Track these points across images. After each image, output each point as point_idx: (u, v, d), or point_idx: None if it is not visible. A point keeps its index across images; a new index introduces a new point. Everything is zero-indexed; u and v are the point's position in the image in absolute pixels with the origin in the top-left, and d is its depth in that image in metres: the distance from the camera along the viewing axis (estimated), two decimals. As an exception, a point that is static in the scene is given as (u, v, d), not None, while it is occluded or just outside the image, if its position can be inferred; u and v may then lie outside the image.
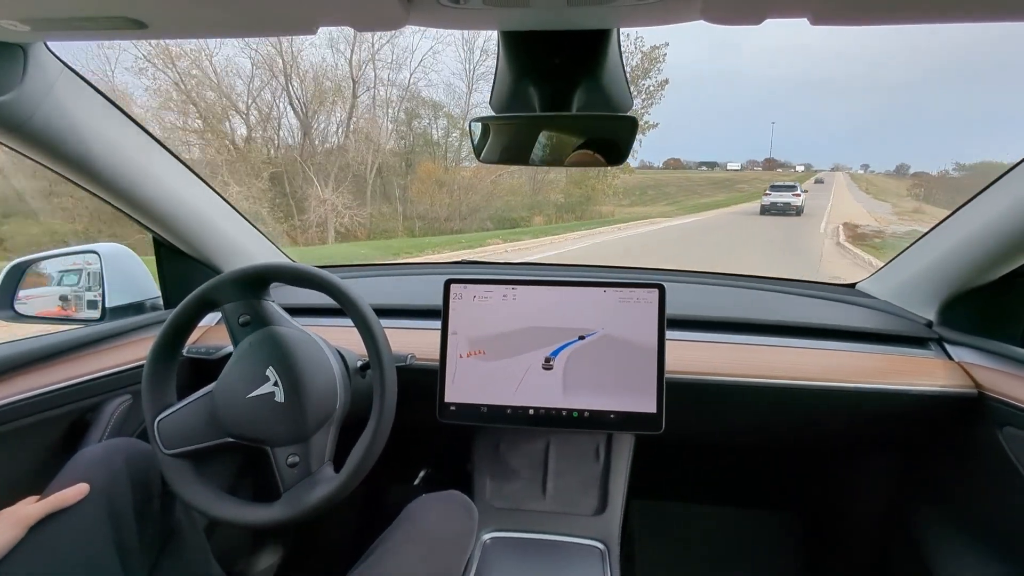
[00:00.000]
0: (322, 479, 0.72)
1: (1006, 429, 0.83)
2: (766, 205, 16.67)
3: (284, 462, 0.72)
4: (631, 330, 0.88)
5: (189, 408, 0.75)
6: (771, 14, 0.46)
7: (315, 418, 0.74)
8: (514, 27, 0.59)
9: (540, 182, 16.44)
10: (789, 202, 16.28)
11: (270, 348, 0.76)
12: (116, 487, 0.69)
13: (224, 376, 0.75)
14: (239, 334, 0.77)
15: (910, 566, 1.03)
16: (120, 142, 0.84)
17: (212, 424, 0.74)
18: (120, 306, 1.03)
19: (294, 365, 0.75)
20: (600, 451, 1.05)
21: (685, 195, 30.29)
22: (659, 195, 28.52)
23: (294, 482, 0.72)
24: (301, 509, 0.69)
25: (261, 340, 0.76)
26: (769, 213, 16.24)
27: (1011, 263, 0.85)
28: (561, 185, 16.70)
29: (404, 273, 1.40)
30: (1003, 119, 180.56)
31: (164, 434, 0.73)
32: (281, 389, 0.73)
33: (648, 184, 31.18)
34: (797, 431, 1.08)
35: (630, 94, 0.69)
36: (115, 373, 0.91)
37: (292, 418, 0.73)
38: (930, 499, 1.03)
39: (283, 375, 0.74)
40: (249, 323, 0.77)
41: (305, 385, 0.74)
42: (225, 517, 0.71)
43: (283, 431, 0.73)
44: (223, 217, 1.10)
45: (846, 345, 0.98)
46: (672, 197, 28.56)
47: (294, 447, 0.73)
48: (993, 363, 0.89)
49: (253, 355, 0.75)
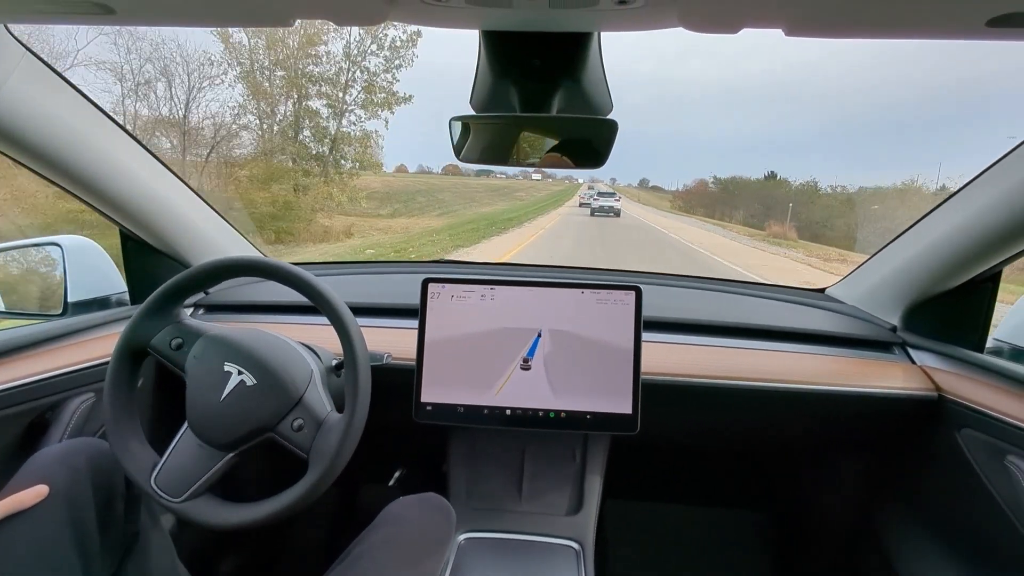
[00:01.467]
0: (334, 426, 0.71)
1: (964, 430, 0.86)
2: (595, 208, 22.01)
3: (292, 431, 0.71)
4: (608, 331, 0.88)
5: (176, 452, 0.72)
6: (747, 24, 0.47)
7: (295, 380, 0.73)
8: (496, 27, 0.59)
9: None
10: (612, 206, 22.08)
11: (215, 348, 0.74)
12: (77, 489, 0.66)
13: (191, 401, 0.73)
14: (180, 358, 0.75)
15: (876, 564, 1.07)
16: (85, 131, 0.81)
17: (206, 452, 0.71)
18: (83, 301, 1.00)
19: (248, 348, 0.74)
20: (576, 452, 1.05)
21: (464, 203, 25.56)
22: (431, 203, 23.28)
23: (310, 441, 0.71)
24: (328, 462, 0.68)
25: (204, 347, 0.74)
26: (596, 215, 21.37)
27: (971, 271, 0.88)
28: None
29: (381, 272, 1.38)
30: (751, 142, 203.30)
31: (166, 488, 0.70)
32: (247, 373, 0.72)
33: (419, 188, 26.13)
34: (767, 431, 1.10)
35: (610, 97, 0.70)
36: (77, 371, 0.88)
37: (273, 390, 0.72)
38: (895, 498, 1.07)
39: (242, 361, 0.73)
40: (183, 343, 0.75)
41: (268, 359, 0.73)
42: (270, 513, 0.69)
43: (272, 405, 0.71)
44: (193, 210, 1.07)
45: (814, 348, 1.01)
46: (447, 206, 23.38)
47: (291, 415, 0.72)
48: (952, 367, 0.92)
49: (205, 364, 0.73)
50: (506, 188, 40.83)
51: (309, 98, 13.43)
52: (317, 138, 13.51)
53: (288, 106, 13.38)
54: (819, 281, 1.09)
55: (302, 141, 13.45)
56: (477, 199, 28.61)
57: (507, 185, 45.10)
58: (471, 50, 0.65)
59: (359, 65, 13.38)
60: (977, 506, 0.84)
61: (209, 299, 1.14)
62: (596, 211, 21.58)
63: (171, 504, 0.69)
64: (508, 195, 34.61)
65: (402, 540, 0.76)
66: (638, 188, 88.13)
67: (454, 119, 0.69)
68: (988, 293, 0.90)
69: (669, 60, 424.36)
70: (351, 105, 13.75)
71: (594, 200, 22.81)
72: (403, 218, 18.18)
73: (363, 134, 13.94)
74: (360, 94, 13.74)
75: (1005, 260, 0.84)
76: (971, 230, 0.83)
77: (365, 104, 13.78)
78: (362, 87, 13.67)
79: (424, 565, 0.76)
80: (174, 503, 0.69)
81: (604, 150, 0.68)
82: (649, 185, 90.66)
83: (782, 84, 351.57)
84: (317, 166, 13.41)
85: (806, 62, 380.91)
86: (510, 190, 39.37)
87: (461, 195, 28.65)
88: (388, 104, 13.70)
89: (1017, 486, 0.75)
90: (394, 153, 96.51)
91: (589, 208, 22.75)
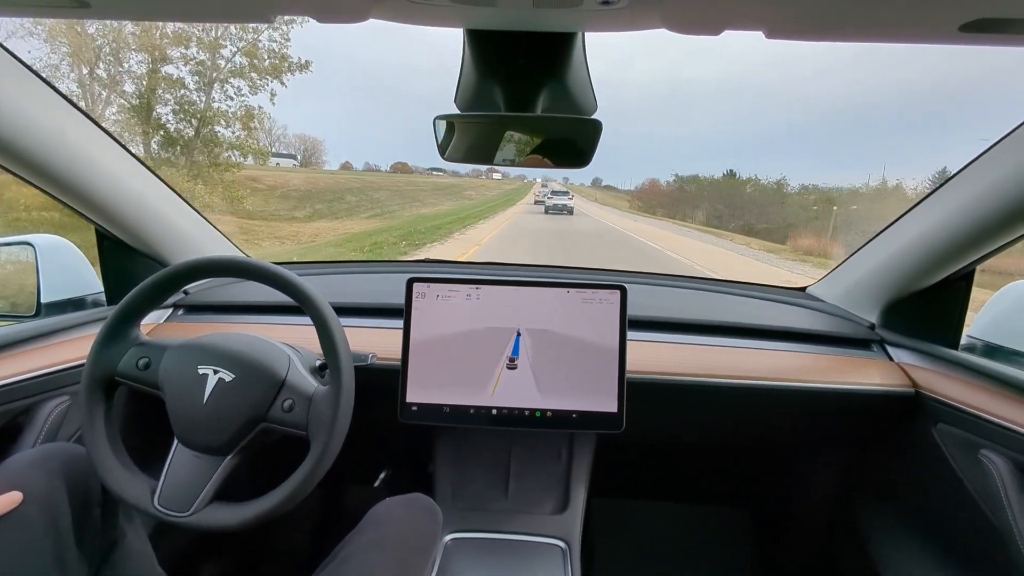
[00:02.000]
0: (325, 395, 0.71)
1: (939, 425, 0.89)
2: (549, 206, 22.88)
3: (283, 413, 0.70)
4: (593, 330, 0.89)
5: (173, 469, 0.71)
6: (729, 26, 0.48)
7: (274, 365, 0.73)
8: (480, 26, 0.58)
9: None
10: (566, 204, 23.04)
11: (185, 355, 0.73)
12: (53, 495, 0.64)
13: (174, 415, 0.71)
14: (151, 377, 0.73)
15: (856, 557, 1.09)
16: (57, 126, 0.79)
17: (204, 461, 0.70)
18: (57, 302, 0.97)
19: (218, 347, 0.73)
20: (562, 451, 1.05)
21: (402, 203, 22.97)
22: (362, 203, 20.46)
23: (304, 416, 0.70)
24: (328, 430, 0.68)
25: (173, 358, 0.73)
26: (550, 212, 22.16)
27: (946, 269, 0.90)
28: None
29: (365, 271, 1.37)
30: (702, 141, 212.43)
31: (171, 506, 0.68)
32: (224, 370, 0.71)
33: (351, 187, 22.77)
34: (750, 428, 1.12)
35: (595, 97, 0.70)
36: (51, 373, 0.85)
37: (253, 379, 0.71)
38: (874, 493, 1.09)
39: (215, 360, 0.72)
40: (149, 361, 0.73)
41: (241, 352, 0.73)
42: (284, 497, 0.68)
43: (256, 393, 0.71)
44: (170, 208, 1.05)
45: (795, 346, 1.03)
46: (381, 206, 20.74)
47: (279, 397, 0.71)
48: (928, 364, 0.95)
49: (178, 373, 0.72)
50: (455, 186, 38.23)
51: (166, 61, 10.22)
52: (179, 117, 10.24)
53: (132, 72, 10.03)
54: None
55: (159, 120, 10.24)
56: (420, 198, 26.28)
57: (455, 183, 42.25)
58: (421, 49, 0.62)
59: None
60: (952, 499, 0.87)
61: (189, 299, 1.11)
62: (550, 209, 22.65)
63: (180, 520, 0.68)
64: (456, 194, 32.27)
65: (388, 541, 0.76)
66: (592, 187, 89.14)
67: (438, 118, 0.68)
68: (962, 291, 0.92)
69: (619, 62, 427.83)
70: (225, 73, 10.51)
71: (548, 199, 23.83)
72: (324, 221, 15.73)
73: (244, 113, 10.63)
74: (237, 57, 10.44)
75: (979, 259, 0.86)
76: (945, 230, 0.85)
77: (242, 72, 10.42)
78: (238, 48, 10.38)
79: (411, 566, 0.75)
80: (183, 518, 0.68)
81: (588, 150, 0.68)
82: (602, 184, 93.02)
83: (720, 84, 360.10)
84: (182, 155, 10.27)
85: (749, 66, 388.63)
86: (459, 188, 37.10)
87: (402, 194, 26.04)
88: (277, 72, 10.57)
89: (990, 479, 0.78)
90: (339, 150, 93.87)
91: (543, 206, 23.64)
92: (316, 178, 16.10)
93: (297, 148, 46.24)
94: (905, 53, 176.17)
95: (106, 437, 0.71)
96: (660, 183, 43.78)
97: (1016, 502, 0.74)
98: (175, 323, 1.07)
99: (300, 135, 48.32)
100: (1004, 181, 0.74)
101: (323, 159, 47.72)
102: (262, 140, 11.35)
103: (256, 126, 11.13)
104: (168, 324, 1.06)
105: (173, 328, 1.05)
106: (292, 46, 10.77)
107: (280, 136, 43.61)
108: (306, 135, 52.18)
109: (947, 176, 0.87)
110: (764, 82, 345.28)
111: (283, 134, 44.41)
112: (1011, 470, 0.76)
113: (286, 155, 40.11)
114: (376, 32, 33.80)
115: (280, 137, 43.66)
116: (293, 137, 46.69)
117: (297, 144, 46.72)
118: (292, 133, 45.84)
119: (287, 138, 44.13)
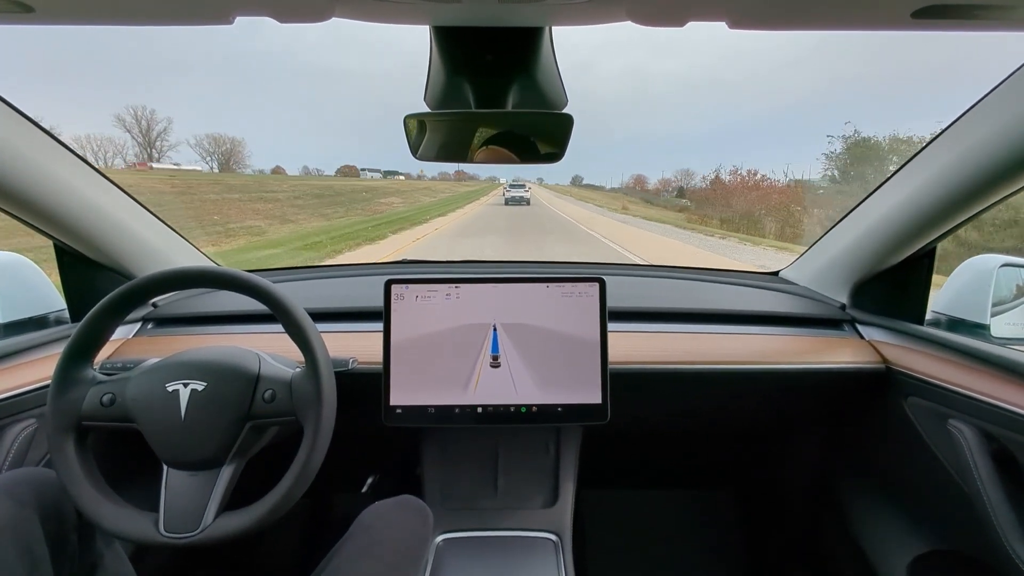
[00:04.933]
0: (304, 376, 0.70)
1: (910, 399, 0.92)
2: (508, 198, 25.25)
3: (266, 404, 0.69)
4: (575, 324, 0.89)
5: (170, 496, 0.68)
6: (692, 17, 0.48)
7: (245, 363, 0.72)
8: (446, 23, 0.58)
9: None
10: (523, 196, 25.41)
11: (149, 378, 0.70)
12: (25, 523, 0.61)
13: (155, 440, 0.68)
14: (119, 411, 0.69)
15: (838, 531, 1.13)
16: (9, 139, 0.75)
17: (199, 478, 0.68)
18: (17, 321, 0.93)
19: (181, 361, 0.71)
20: (549, 445, 1.06)
21: (270, 221, 14.86)
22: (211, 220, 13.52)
23: (288, 402, 0.70)
24: (317, 408, 0.68)
25: (137, 385, 0.70)
26: (509, 204, 24.49)
27: (910, 247, 0.94)
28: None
29: (341, 275, 1.35)
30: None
31: (177, 530, 0.65)
32: (194, 381, 0.69)
33: (212, 196, 16.01)
34: (731, 411, 1.14)
35: (564, 92, 0.70)
36: (14, 396, 0.82)
37: (227, 381, 0.70)
38: (852, 468, 1.13)
39: (181, 374, 0.70)
40: (113, 396, 0.69)
41: (207, 360, 0.71)
42: (291, 486, 0.66)
43: (234, 394, 0.69)
44: (133, 219, 1.01)
45: (770, 329, 1.05)
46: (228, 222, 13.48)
47: (257, 391, 0.70)
48: (897, 340, 0.98)
49: (147, 397, 0.69)
50: (381, 189, 31.71)
51: None
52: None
53: None
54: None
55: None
56: (308, 208, 18.52)
57: (381, 186, 35.90)
58: (367, 54, 0.61)
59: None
60: (925, 468, 0.90)
61: (159, 312, 1.08)
62: (510, 200, 25.01)
63: (193, 540, 0.65)
64: (369, 201, 23.90)
65: (379, 547, 0.75)
66: (571, 186, 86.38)
67: (408, 116, 0.67)
68: (925, 268, 0.96)
69: (586, 62, 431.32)
70: None
71: (506, 191, 26.66)
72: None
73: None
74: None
75: (939, 236, 0.89)
76: (906, 210, 0.89)
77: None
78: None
79: (403, 570, 0.74)
80: (194, 537, 0.66)
81: (561, 144, 0.68)
82: (583, 183, 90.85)
83: (687, 80, 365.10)
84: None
85: (709, 62, 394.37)
86: (383, 191, 29.32)
87: (290, 203, 18.34)
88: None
89: (958, 447, 0.81)
90: (270, 154, 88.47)
91: (504, 198, 26.02)
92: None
93: (209, 150, 44.27)
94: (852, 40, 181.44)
95: (89, 483, 0.67)
96: (646, 179, 43.88)
97: (983, 467, 0.78)
98: (144, 337, 1.04)
99: (213, 135, 45.61)
100: (958, 162, 0.77)
101: (246, 162, 45.48)
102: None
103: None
104: (137, 339, 1.03)
105: (142, 343, 1.02)
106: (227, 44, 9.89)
107: (162, 133, 40.61)
108: (220, 135, 48.32)
109: (906, 159, 0.90)
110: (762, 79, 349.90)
111: (167, 128, 41.40)
112: (977, 438, 0.79)
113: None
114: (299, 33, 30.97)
115: (162, 134, 40.66)
116: (204, 137, 44.05)
117: (208, 145, 44.54)
118: (204, 133, 43.73)
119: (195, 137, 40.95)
